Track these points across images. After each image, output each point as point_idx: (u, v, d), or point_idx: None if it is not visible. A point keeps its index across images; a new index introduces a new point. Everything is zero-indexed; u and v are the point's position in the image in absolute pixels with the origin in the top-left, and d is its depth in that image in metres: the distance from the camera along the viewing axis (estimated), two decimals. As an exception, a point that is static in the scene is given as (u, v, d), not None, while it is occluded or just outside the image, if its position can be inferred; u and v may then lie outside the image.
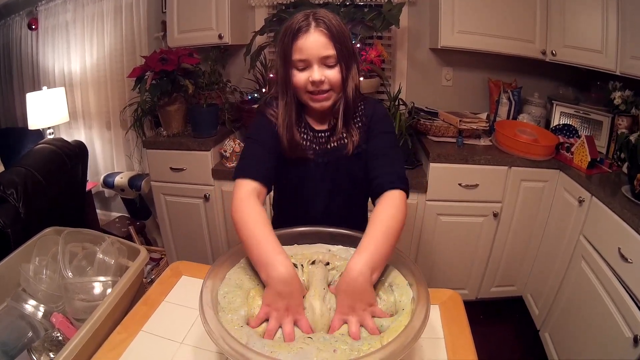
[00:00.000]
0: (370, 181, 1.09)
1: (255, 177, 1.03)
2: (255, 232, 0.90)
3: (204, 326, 0.71)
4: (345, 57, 1.08)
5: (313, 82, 1.06)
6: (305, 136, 1.17)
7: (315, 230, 1.03)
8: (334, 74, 1.07)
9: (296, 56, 1.05)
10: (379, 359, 0.64)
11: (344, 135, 1.16)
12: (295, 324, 0.80)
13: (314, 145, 1.17)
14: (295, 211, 1.26)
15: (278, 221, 0.93)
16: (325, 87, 1.08)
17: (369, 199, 1.31)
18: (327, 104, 1.11)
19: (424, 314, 0.73)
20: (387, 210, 0.97)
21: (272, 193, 1.26)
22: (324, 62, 1.06)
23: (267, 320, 0.81)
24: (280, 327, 0.79)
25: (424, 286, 0.80)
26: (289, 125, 1.13)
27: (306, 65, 1.06)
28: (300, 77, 1.08)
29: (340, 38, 1.05)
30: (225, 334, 0.68)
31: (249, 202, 0.98)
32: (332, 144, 1.17)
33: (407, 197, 1.03)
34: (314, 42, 1.04)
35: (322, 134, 1.18)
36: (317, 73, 1.05)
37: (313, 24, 1.04)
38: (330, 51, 1.05)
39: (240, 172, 1.05)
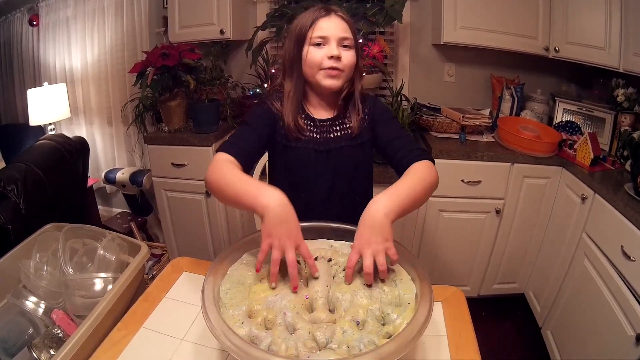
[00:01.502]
0: (396, 161, 1.13)
1: (235, 154, 1.07)
2: (237, 180, 0.95)
3: (205, 323, 0.71)
4: (357, 49, 1.16)
5: (331, 57, 1.10)
6: (306, 126, 1.20)
7: (317, 225, 1.03)
8: (349, 55, 1.13)
9: (316, 33, 1.10)
10: (382, 355, 0.64)
11: (348, 124, 1.20)
12: (297, 250, 0.85)
13: (315, 135, 1.20)
14: (295, 197, 1.25)
15: None
16: (340, 66, 1.12)
17: (372, 186, 1.33)
18: (338, 82, 1.14)
19: (427, 309, 0.73)
20: (418, 171, 1.03)
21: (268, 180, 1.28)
22: (341, 42, 1.12)
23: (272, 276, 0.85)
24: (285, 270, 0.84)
25: (427, 282, 0.80)
26: (296, 105, 1.17)
27: (324, 42, 1.11)
28: (316, 53, 1.11)
29: (354, 31, 1.14)
30: (227, 330, 0.68)
31: (225, 164, 1.02)
32: (335, 133, 1.21)
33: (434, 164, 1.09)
34: (335, 23, 1.11)
35: (324, 123, 1.21)
36: (335, 49, 1.10)
37: (332, 12, 1.13)
38: (349, 34, 1.12)
39: (222, 148, 1.09)
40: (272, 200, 0.86)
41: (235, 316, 0.76)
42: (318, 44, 1.11)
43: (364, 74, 1.27)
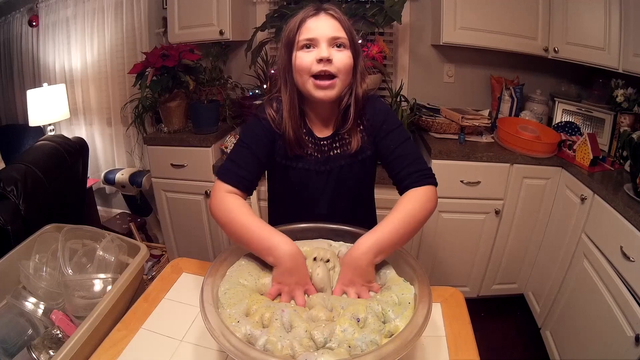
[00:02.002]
0: (398, 182, 1.08)
1: (236, 184, 1.03)
2: (245, 222, 0.93)
3: (204, 323, 0.71)
4: (354, 50, 1.03)
5: (320, 60, 0.97)
6: (307, 143, 1.12)
7: (316, 226, 1.03)
8: (342, 56, 1.00)
9: (303, 36, 0.99)
10: (381, 356, 0.64)
11: (348, 140, 1.11)
12: (305, 292, 0.87)
13: (316, 154, 1.13)
14: (295, 214, 1.20)
15: (276, 222, 0.94)
16: (332, 69, 0.99)
17: (374, 196, 1.30)
18: (332, 93, 1.01)
19: (426, 310, 0.73)
20: (411, 202, 0.99)
21: (267, 194, 1.27)
22: (333, 43, 0.99)
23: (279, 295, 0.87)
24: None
25: (426, 283, 0.80)
26: (294, 117, 1.07)
27: (313, 45, 0.99)
28: (305, 58, 0.99)
29: (349, 29, 1.02)
30: (226, 331, 0.68)
31: (229, 198, 1.00)
32: (335, 151, 1.13)
33: (436, 186, 1.07)
34: (324, 23, 0.99)
35: (325, 141, 1.13)
36: (324, 50, 0.97)
37: (322, 11, 1.01)
38: (341, 33, 1.00)
39: (222, 175, 1.05)
40: (283, 253, 0.86)
41: (232, 315, 0.76)
42: (307, 47, 0.99)
43: (366, 77, 1.12)
